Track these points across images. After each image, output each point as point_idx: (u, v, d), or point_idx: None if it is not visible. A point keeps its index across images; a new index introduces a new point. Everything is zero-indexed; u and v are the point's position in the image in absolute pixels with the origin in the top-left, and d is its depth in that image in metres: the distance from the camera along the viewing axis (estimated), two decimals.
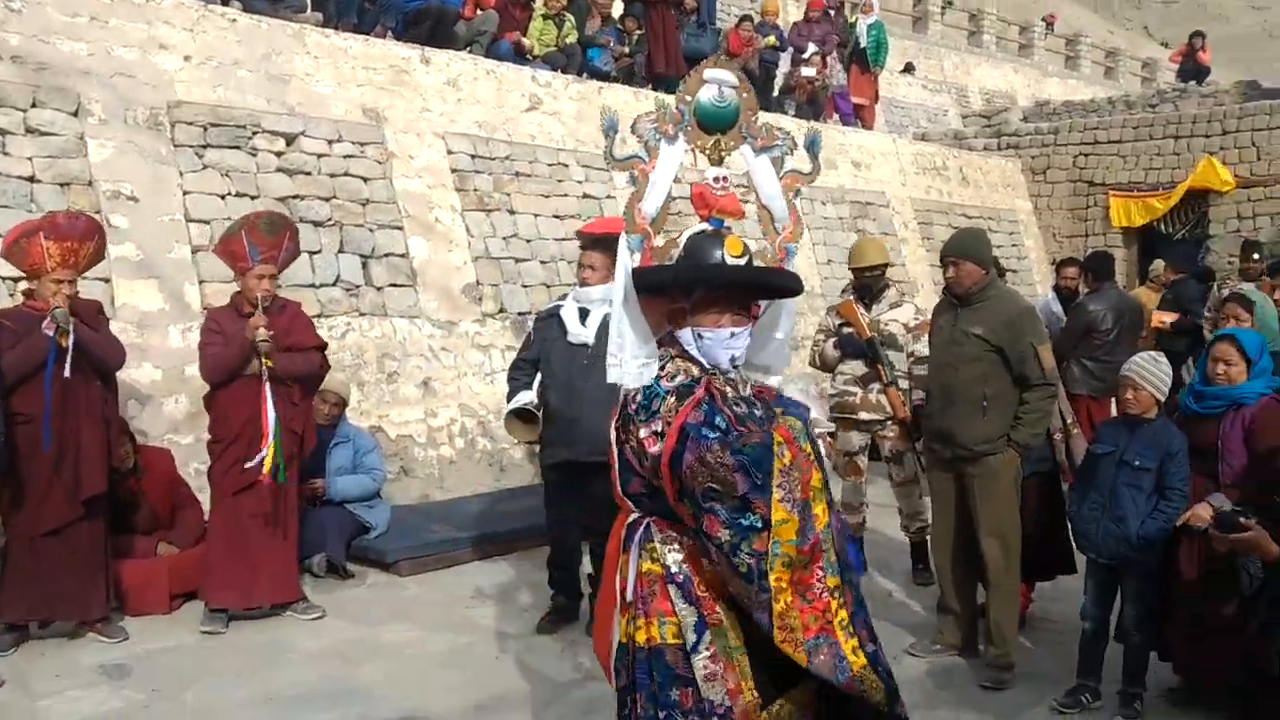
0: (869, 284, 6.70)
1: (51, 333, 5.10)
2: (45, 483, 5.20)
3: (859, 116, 15.74)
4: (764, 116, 3.21)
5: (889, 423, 6.53)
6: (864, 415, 6.55)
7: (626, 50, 12.70)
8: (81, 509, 5.28)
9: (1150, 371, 4.69)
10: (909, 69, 21.85)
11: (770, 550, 2.64)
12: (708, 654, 2.75)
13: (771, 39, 14.83)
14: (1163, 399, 4.71)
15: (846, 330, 6.60)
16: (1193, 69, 21.02)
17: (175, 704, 4.68)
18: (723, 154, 3.09)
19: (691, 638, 2.76)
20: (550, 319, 5.77)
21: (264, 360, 5.48)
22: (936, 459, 5.32)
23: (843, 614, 2.73)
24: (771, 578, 2.64)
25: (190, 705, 4.67)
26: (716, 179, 2.99)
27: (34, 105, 7.07)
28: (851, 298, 6.75)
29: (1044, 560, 5.50)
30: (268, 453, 5.45)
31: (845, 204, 13.68)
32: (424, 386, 8.58)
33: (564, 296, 5.98)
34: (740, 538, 2.64)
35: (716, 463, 2.66)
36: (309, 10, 9.57)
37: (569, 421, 5.47)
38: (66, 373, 5.11)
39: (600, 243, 5.54)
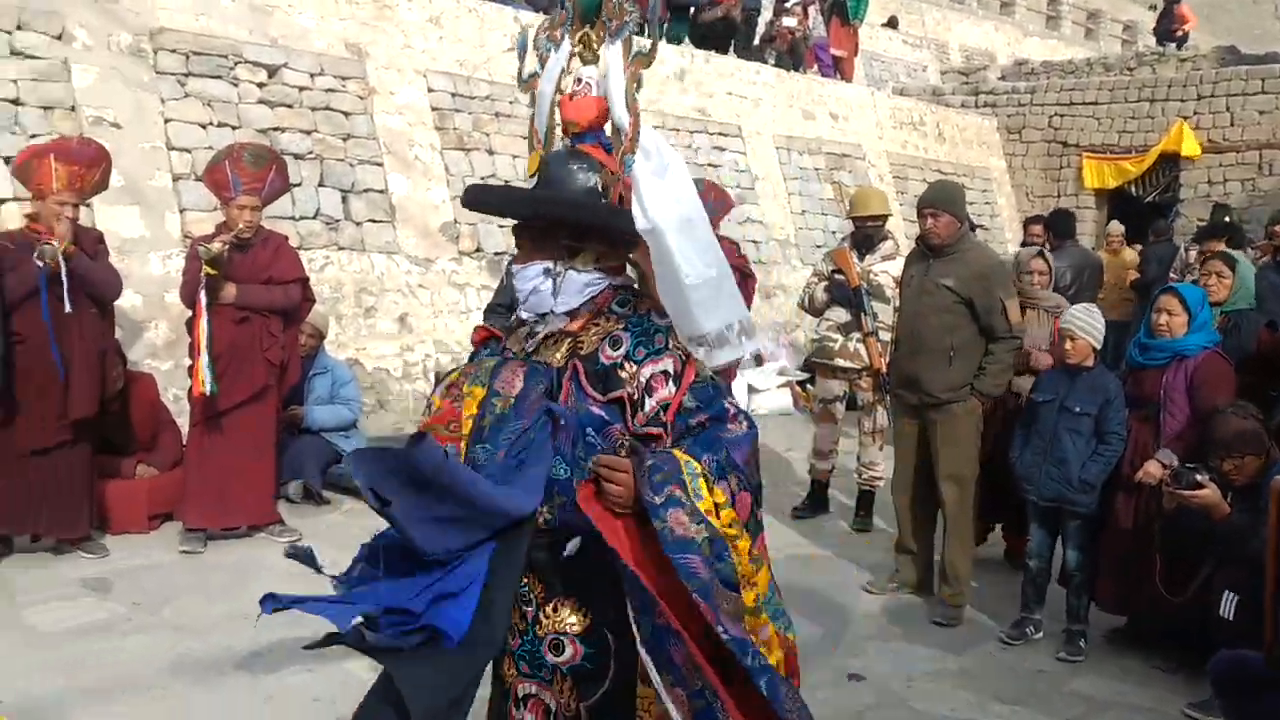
0: (870, 234, 6.74)
1: (41, 264, 5.13)
2: (38, 403, 5.29)
3: (838, 69, 15.78)
4: (743, 67, 2.39)
5: (865, 373, 6.68)
6: (841, 362, 6.69)
7: None
8: (70, 431, 5.39)
9: (1085, 322, 4.90)
10: (892, 23, 21.82)
11: None
12: None
13: None
14: (1098, 347, 4.92)
15: (839, 277, 6.68)
16: (1170, 32, 21.11)
17: (156, 617, 4.83)
18: (579, 49, 2.48)
19: None
20: None
21: (204, 269, 5.44)
22: (902, 404, 5.50)
23: None
24: None
25: (169, 619, 4.82)
26: (579, 81, 2.44)
27: (19, 27, 7.07)
28: (846, 245, 6.84)
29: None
30: (196, 366, 5.50)
31: (821, 155, 13.78)
32: (400, 322, 8.68)
33: None
34: None
35: None
36: None
37: None
38: (67, 308, 5.16)
39: None
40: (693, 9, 13.90)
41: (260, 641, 4.57)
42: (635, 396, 2.28)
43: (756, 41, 14.97)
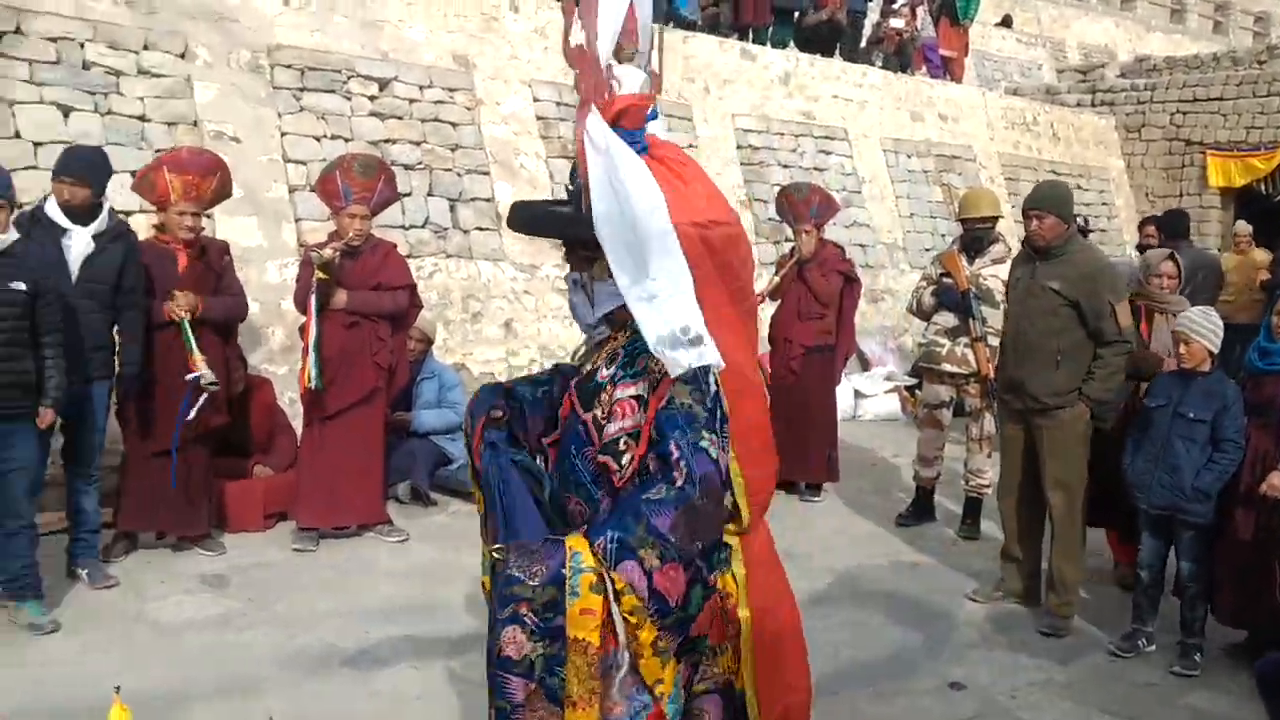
0: (980, 236, 6.60)
1: (193, 377, 5.37)
2: (167, 410, 5.48)
3: (948, 69, 15.53)
4: (849, 69, 2.47)
5: (972, 378, 6.55)
6: (948, 367, 6.57)
7: None
8: (192, 433, 5.60)
9: (1201, 325, 4.72)
10: (1006, 22, 21.37)
11: None
12: None
13: None
14: (1215, 351, 4.73)
15: (947, 280, 6.57)
16: None
17: (269, 613, 5.00)
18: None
19: None
20: None
21: (316, 274, 5.62)
22: (1008, 410, 5.38)
23: None
24: None
25: (282, 615, 4.99)
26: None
27: (145, 47, 7.41)
28: (956, 248, 6.73)
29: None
30: (304, 363, 5.70)
31: (930, 157, 13.57)
32: (506, 327, 8.83)
33: None
34: None
35: None
36: None
37: None
38: (190, 415, 5.39)
39: None
40: (797, 13, 13.84)
41: (367, 639, 4.72)
42: (602, 420, 2.21)
43: (863, 44, 14.83)
